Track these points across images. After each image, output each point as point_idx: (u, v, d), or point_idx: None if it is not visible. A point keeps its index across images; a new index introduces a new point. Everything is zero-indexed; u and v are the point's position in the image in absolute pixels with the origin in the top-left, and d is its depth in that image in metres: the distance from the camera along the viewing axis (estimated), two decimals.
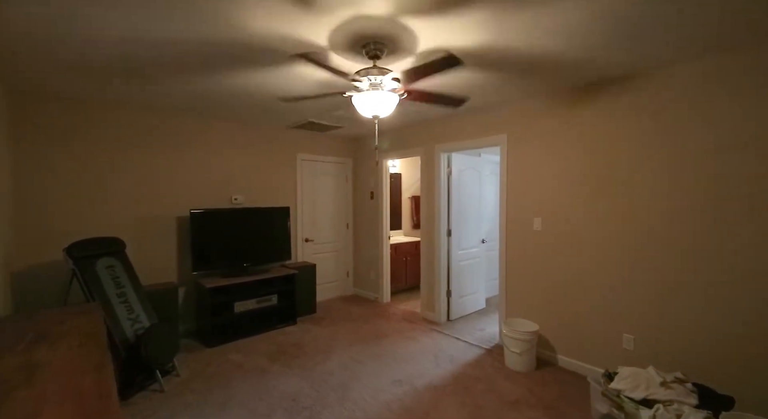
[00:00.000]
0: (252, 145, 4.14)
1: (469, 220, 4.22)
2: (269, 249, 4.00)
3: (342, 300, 4.86)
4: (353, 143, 5.15)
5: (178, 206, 3.63)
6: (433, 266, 4.05)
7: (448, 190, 4.01)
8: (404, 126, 4.28)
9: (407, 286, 5.23)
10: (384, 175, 4.72)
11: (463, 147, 3.69)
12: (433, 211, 4.02)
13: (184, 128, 3.64)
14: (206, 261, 3.54)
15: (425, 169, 4.12)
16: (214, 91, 2.83)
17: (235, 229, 3.75)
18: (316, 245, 4.78)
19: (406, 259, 5.20)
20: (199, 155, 3.76)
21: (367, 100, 1.97)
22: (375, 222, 4.85)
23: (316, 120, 3.91)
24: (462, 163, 4.12)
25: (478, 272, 4.38)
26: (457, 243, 4.08)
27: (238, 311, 3.53)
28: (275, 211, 4.06)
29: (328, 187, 4.90)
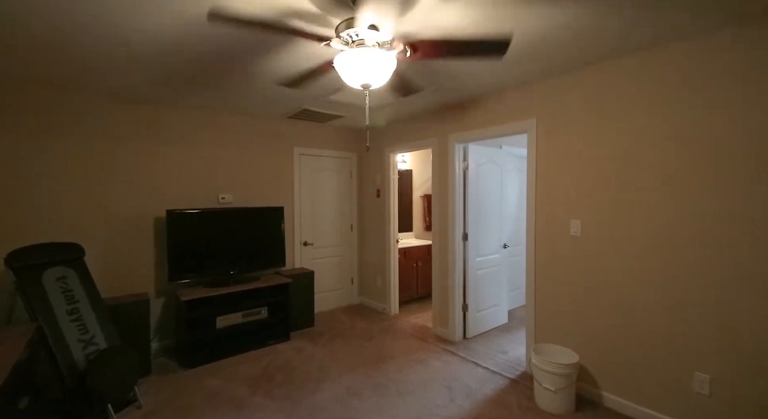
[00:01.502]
0: (242, 138, 3.69)
1: (488, 222, 3.65)
2: (260, 255, 3.54)
3: (345, 311, 4.37)
4: (358, 135, 4.64)
5: (156, 206, 3.21)
6: (446, 275, 3.49)
7: (464, 187, 3.45)
8: (412, 114, 3.74)
9: (419, 295, 4.69)
10: (391, 170, 4.19)
11: (482, 136, 3.12)
12: (446, 212, 3.47)
13: (162, 118, 3.22)
14: (185, 269, 3.11)
15: (437, 162, 3.57)
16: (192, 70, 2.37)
17: (220, 232, 3.30)
18: (317, 249, 4.30)
19: (417, 265, 4.66)
20: (181, 149, 3.33)
21: (352, 62, 1.45)
22: (381, 224, 4.33)
23: (312, 108, 3.42)
24: (480, 156, 3.54)
25: (499, 282, 3.80)
26: (475, 248, 3.51)
27: (220, 326, 3.08)
28: (268, 212, 3.60)
29: (329, 185, 4.41)
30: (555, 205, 2.63)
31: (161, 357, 3.13)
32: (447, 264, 3.49)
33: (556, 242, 2.62)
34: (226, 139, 3.58)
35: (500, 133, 2.98)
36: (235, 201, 3.65)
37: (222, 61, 2.22)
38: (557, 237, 2.61)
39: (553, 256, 2.64)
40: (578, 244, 2.49)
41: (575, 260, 2.51)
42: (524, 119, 2.80)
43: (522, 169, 4.46)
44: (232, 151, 3.62)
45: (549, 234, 2.67)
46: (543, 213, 2.71)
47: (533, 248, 2.76)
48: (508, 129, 2.91)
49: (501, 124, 2.96)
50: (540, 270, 2.73)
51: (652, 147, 2.13)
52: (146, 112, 3.13)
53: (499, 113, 2.97)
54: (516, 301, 4.42)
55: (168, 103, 3.18)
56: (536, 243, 2.75)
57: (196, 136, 3.40)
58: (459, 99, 3.17)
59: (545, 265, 2.69)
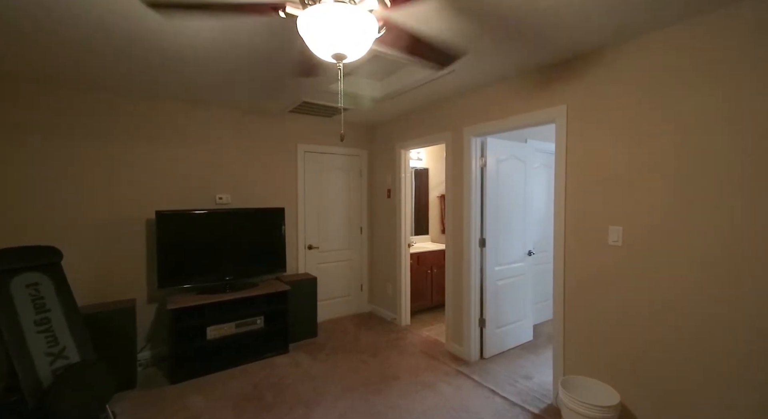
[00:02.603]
0: (242, 134, 3.46)
1: (510, 227, 3.22)
2: (259, 260, 3.29)
3: (353, 320, 4.06)
4: (368, 131, 4.32)
5: (148, 207, 3.03)
6: (461, 286, 3.10)
7: (482, 187, 3.04)
8: (423, 106, 3.37)
9: (433, 304, 4.30)
10: (402, 169, 3.84)
11: (502, 127, 2.70)
12: (461, 215, 3.07)
13: (153, 112, 3.03)
14: (176, 274, 2.90)
15: (451, 159, 3.18)
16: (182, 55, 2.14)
17: (215, 235, 3.08)
18: (323, 253, 4.01)
19: (432, 271, 4.28)
20: (176, 146, 3.13)
21: (315, 25, 1.11)
22: (392, 227, 3.98)
23: (312, 100, 3.12)
24: (501, 151, 3.12)
25: (522, 294, 3.35)
26: (494, 256, 3.09)
27: (211, 337, 2.85)
28: (267, 213, 3.35)
29: (337, 185, 4.11)
30: (590, 207, 2.18)
31: (152, 367, 2.94)
32: (461, 274, 3.09)
33: (591, 253, 2.17)
34: (223, 136, 3.36)
35: (522, 123, 2.55)
36: (234, 201, 3.43)
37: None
38: (592, 246, 2.17)
39: (587, 270, 2.19)
40: (619, 256, 2.04)
41: (616, 275, 2.06)
42: (551, 106, 2.36)
43: (550, 166, 3.97)
44: (230, 148, 3.40)
45: (582, 243, 2.22)
46: (574, 218, 2.27)
47: (562, 260, 2.33)
48: (532, 118, 2.48)
49: (523, 113, 2.53)
50: (571, 287, 2.29)
51: (718, 136, 1.66)
52: (134, 106, 2.95)
53: (522, 100, 2.54)
54: (543, 315, 3.94)
55: (159, 96, 2.99)
56: (566, 254, 2.31)
57: (192, 132, 3.20)
58: (477, 84, 2.77)
59: (577, 281, 2.25)
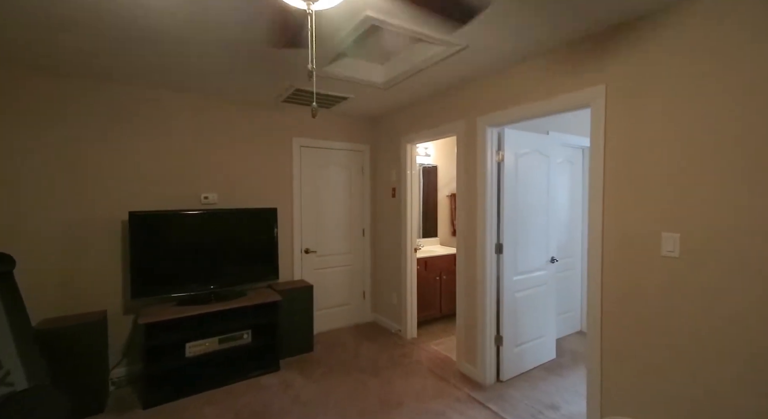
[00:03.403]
0: (230, 126, 3.13)
1: (530, 230, 2.82)
2: (248, 266, 2.96)
3: (354, 332, 3.70)
4: (371, 124, 3.96)
5: (124, 207, 2.72)
6: (474, 298, 2.71)
7: (499, 185, 2.65)
8: (431, 93, 2.99)
9: (442, 314, 3.92)
10: (408, 165, 3.47)
11: (524, 115, 2.31)
12: (474, 217, 2.69)
13: (133, 100, 2.72)
14: (153, 283, 2.59)
15: (463, 153, 2.79)
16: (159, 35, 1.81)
17: (199, 239, 2.75)
18: (321, 258, 3.67)
19: (441, 278, 3.90)
20: (157, 139, 2.82)
21: None
22: (397, 229, 3.61)
23: (306, 87, 2.77)
24: (521, 144, 2.73)
25: (544, 306, 2.95)
26: (512, 264, 2.70)
27: (191, 355, 2.52)
28: (257, 214, 3.01)
29: (337, 182, 3.76)
30: (636, 210, 1.78)
31: (127, 386, 2.63)
32: (474, 284, 2.71)
33: (638, 265, 1.77)
34: (210, 128, 3.04)
35: (549, 109, 2.15)
36: (221, 201, 3.10)
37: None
38: (640, 258, 1.76)
39: (633, 287, 1.79)
40: (676, 269, 1.63)
41: (672, 293, 1.65)
42: (586, 87, 1.96)
43: (574, 162, 3.56)
44: (217, 141, 3.07)
45: (625, 253, 1.82)
46: (615, 223, 1.86)
47: (598, 274, 1.92)
48: (561, 103, 2.08)
49: (550, 98, 2.14)
50: (610, 308, 1.89)
51: None
52: (106, 92, 2.64)
53: (547, 82, 2.14)
54: (566, 328, 3.53)
55: (136, 79, 2.68)
56: (604, 267, 1.91)
57: (175, 123, 2.88)
58: (492, 66, 2.38)
59: (618, 300, 1.85)
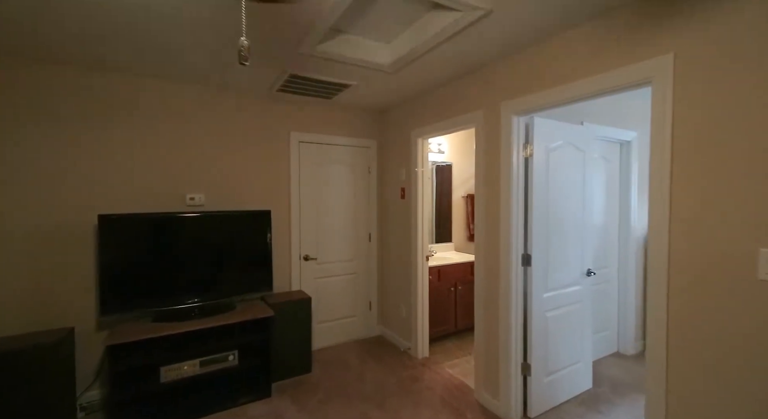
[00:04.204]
0: (218, 119, 2.80)
1: (564, 239, 2.39)
2: (238, 276, 2.62)
3: (359, 348, 3.33)
4: (378, 117, 3.58)
5: (99, 209, 2.42)
6: (496, 319, 2.30)
7: (526, 186, 2.23)
8: (446, 79, 2.58)
9: (457, 329, 3.51)
10: (419, 162, 3.07)
11: (559, 99, 1.89)
12: (496, 223, 2.28)
13: (106, 91, 2.41)
14: (127, 297, 2.27)
15: (483, 147, 2.38)
16: None
17: (182, 246, 2.43)
18: (322, 265, 3.31)
19: (456, 289, 3.49)
20: (136, 133, 2.51)
21: None
22: (406, 234, 3.22)
23: (302, 73, 2.41)
24: (552, 136, 2.30)
25: (579, 327, 2.51)
26: (542, 278, 2.28)
27: (167, 380, 2.19)
28: (250, 218, 2.67)
29: (340, 182, 3.40)
30: (718, 219, 1.34)
31: (97, 412, 2.33)
32: (496, 302, 2.30)
33: (722, 293, 1.33)
34: (196, 121, 2.71)
35: (594, 89, 1.72)
36: (209, 202, 2.77)
37: None
38: (724, 282, 1.33)
39: (716, 323, 1.35)
40: None
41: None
42: (647, 59, 1.53)
43: (611, 159, 3.10)
44: (205, 136, 2.74)
45: (702, 276, 1.38)
46: (687, 236, 1.43)
47: (663, 301, 1.49)
48: (612, 81, 1.65)
49: (596, 75, 1.71)
50: (681, 347, 1.45)
51: None
52: (77, 79, 2.34)
53: (594, 54, 1.72)
54: (601, 349, 3.07)
55: (106, 68, 2.37)
56: (671, 292, 1.47)
57: (156, 114, 2.57)
58: (519, 39, 1.97)
59: (696, 339, 1.41)
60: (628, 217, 3.11)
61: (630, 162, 3.10)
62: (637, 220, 3.15)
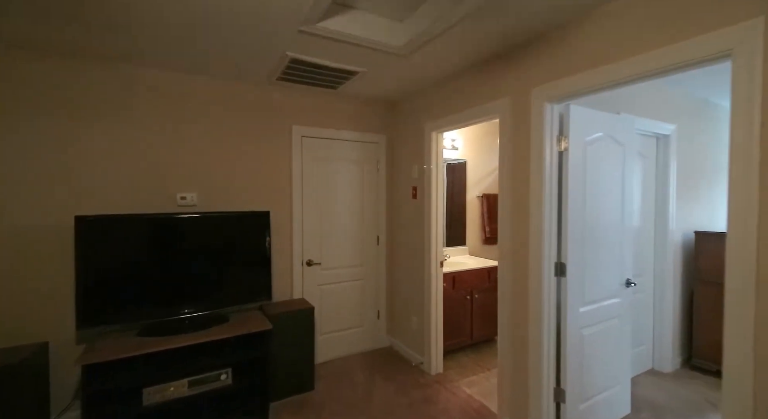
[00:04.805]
0: (212, 111, 2.54)
1: (602, 245, 2.09)
2: (234, 285, 2.36)
3: (366, 361, 3.05)
4: (388, 109, 3.30)
5: (79, 210, 2.18)
6: (524, 338, 2.01)
7: (560, 185, 1.94)
8: (466, 64, 2.30)
9: (473, 341, 3.22)
10: (433, 158, 2.79)
11: (606, 81, 1.59)
12: (525, 227, 1.99)
13: (87, 80, 2.17)
14: (108, 308, 2.02)
15: (508, 142, 2.09)
16: None
17: (171, 251, 2.18)
18: (326, 271, 3.04)
19: (472, 297, 3.20)
20: (121, 125, 2.26)
21: None
22: (419, 237, 2.94)
23: (302, 56, 2.14)
24: (590, 128, 2.00)
25: (617, 345, 2.20)
26: (578, 290, 1.98)
27: (150, 403, 1.94)
28: (247, 219, 2.42)
29: (346, 180, 3.13)
30: None
31: None
32: (525, 318, 2.01)
33: None
34: (189, 112, 2.46)
35: (654, 67, 1.42)
36: (202, 202, 2.52)
37: None
38: None
39: None
40: None
41: None
42: (729, 25, 1.23)
43: (647, 155, 2.79)
44: (197, 129, 2.49)
45: None
46: None
47: (750, 322, 1.19)
48: (677, 56, 1.35)
49: (656, 49, 1.41)
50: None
51: None
52: (53, 70, 2.09)
53: (655, 26, 1.42)
54: (635, 366, 2.76)
55: (87, 55, 2.12)
56: (758, 325, 1.18)
57: (142, 105, 2.32)
58: (557, 5, 1.68)
59: None
60: (666, 220, 2.80)
61: (668, 158, 2.79)
62: (676, 223, 2.83)
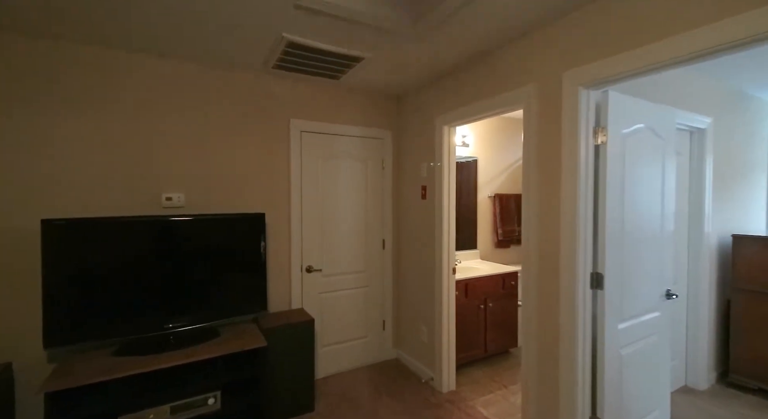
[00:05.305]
0: (202, 102, 2.30)
1: (641, 251, 1.83)
2: (224, 295, 2.12)
3: (371, 376, 2.80)
4: (395, 102, 3.05)
5: (49, 212, 1.94)
6: (555, 359, 1.76)
7: (596, 183, 1.69)
8: (484, 49, 2.05)
9: (487, 354, 2.96)
10: (445, 154, 2.54)
11: (656, 61, 1.33)
12: (555, 231, 1.73)
13: (65, 66, 1.92)
14: (80, 323, 1.78)
15: (534, 134, 1.84)
16: None
17: (153, 258, 1.93)
18: (328, 278, 2.80)
19: (486, 306, 2.94)
20: (98, 117, 2.02)
21: None
22: (429, 241, 2.69)
23: (299, 38, 1.89)
24: (629, 117, 1.75)
25: (656, 365, 1.95)
26: (616, 304, 1.73)
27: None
28: (239, 222, 2.17)
29: (350, 179, 2.88)
30: None
31: None
32: (555, 337, 1.75)
33: None
34: (174, 104, 2.21)
35: (718, 42, 1.17)
36: (190, 204, 2.27)
37: None
38: None
39: None
40: None
41: None
42: None
43: (680, 151, 2.53)
44: (184, 123, 2.25)
45: None
46: None
47: None
48: (749, 26, 1.10)
49: (719, 20, 1.16)
50: None
51: None
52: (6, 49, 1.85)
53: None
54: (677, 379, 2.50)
55: (64, 36, 1.88)
56: None
57: (120, 96, 2.08)
58: None
59: None
60: (701, 222, 2.54)
61: (703, 154, 2.53)
62: (712, 227, 2.58)
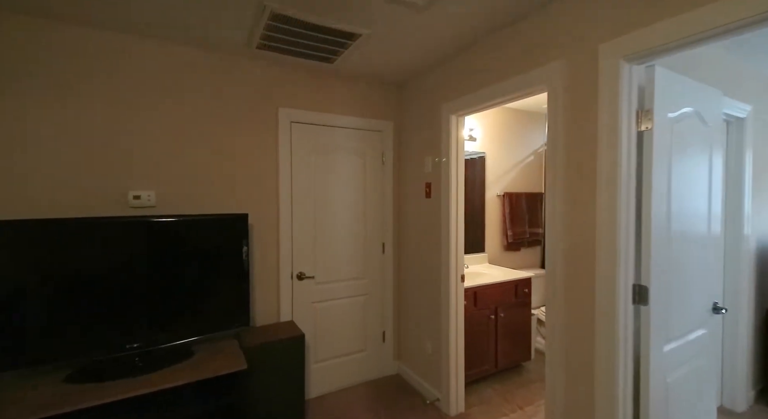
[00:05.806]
0: (178, 89, 2.01)
1: (688, 259, 1.55)
2: (200, 308, 1.83)
3: (369, 394, 2.52)
4: (396, 90, 2.77)
5: None
6: (590, 388, 1.48)
7: (639, 179, 1.41)
8: (498, 23, 1.76)
9: (498, 369, 2.68)
10: (452, 147, 2.25)
11: (720, 23, 1.05)
12: (590, 235, 1.45)
13: (10, 44, 1.64)
14: (25, 343, 1.49)
15: (561, 120, 1.55)
16: None
17: (116, 266, 1.65)
18: (321, 285, 2.51)
19: (497, 316, 2.66)
20: (57, 104, 1.73)
21: None
22: (434, 245, 2.41)
23: (287, 11, 1.61)
24: (678, 98, 1.47)
25: (702, 390, 1.67)
26: (662, 322, 1.45)
27: None
28: (218, 224, 1.89)
29: (346, 176, 2.59)
30: None
31: None
32: (589, 362, 1.47)
33: None
34: (144, 88, 1.93)
35: None
36: (162, 203, 1.99)
37: None
38: None
39: None
40: None
41: None
42: None
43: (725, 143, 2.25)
44: (157, 110, 1.96)
45: None
46: None
47: None
48: None
49: None
50: None
51: None
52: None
53: None
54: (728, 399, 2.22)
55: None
56: None
57: (81, 79, 1.79)
58: None
59: None
60: (740, 224, 2.26)
61: (743, 146, 2.25)
62: (752, 229, 2.30)
